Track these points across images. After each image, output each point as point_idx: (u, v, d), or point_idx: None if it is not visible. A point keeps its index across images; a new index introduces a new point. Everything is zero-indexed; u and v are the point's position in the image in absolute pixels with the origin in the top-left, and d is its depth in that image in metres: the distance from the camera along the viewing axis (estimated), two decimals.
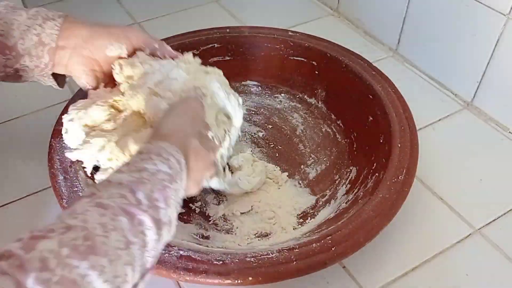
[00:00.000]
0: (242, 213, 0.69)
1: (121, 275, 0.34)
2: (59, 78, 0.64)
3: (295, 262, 0.55)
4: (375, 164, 0.69)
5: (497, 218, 0.69)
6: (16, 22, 0.58)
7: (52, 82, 0.64)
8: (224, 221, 0.68)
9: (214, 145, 0.58)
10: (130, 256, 0.35)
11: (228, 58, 0.87)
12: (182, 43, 0.85)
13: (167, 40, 0.86)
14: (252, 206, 0.70)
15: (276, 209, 0.69)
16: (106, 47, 0.62)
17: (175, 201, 0.44)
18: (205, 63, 0.86)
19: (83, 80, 0.63)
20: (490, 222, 0.69)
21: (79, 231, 0.33)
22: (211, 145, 0.57)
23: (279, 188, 0.72)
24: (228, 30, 0.88)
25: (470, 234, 0.67)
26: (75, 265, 0.31)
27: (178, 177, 0.45)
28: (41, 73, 0.61)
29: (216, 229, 0.67)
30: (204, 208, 0.69)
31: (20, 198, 0.71)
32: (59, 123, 0.70)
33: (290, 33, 0.84)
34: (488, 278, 0.62)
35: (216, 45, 0.86)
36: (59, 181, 0.63)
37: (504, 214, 0.70)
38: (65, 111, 0.71)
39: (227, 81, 0.69)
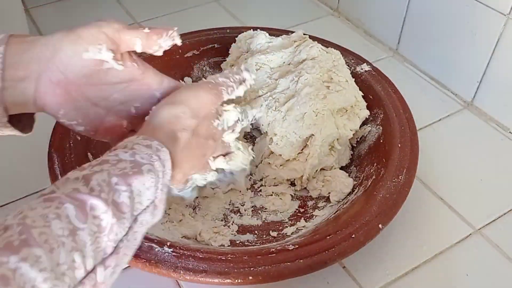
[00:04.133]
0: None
1: (66, 262, 0.33)
2: (23, 121, 0.50)
3: (295, 262, 0.55)
4: (375, 164, 0.69)
5: (497, 218, 0.69)
6: None
7: (11, 131, 0.48)
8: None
9: (215, 133, 0.55)
10: (77, 243, 0.35)
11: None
12: (182, 43, 0.85)
13: None
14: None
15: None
16: (80, 58, 0.47)
17: (152, 185, 0.41)
18: (205, 63, 0.88)
19: (62, 113, 0.49)
20: (490, 222, 0.69)
21: (15, 227, 0.33)
22: (211, 135, 0.54)
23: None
24: (228, 30, 0.88)
25: (470, 234, 0.67)
26: (4, 261, 0.31)
27: (149, 163, 0.42)
28: None
29: None
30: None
31: (20, 198, 0.71)
32: (59, 122, 0.69)
33: (289, 33, 0.84)
34: (488, 278, 0.62)
35: (216, 45, 0.86)
36: None
37: (504, 214, 0.70)
38: None
39: None
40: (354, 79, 0.76)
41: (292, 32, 0.81)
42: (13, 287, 0.30)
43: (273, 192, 0.72)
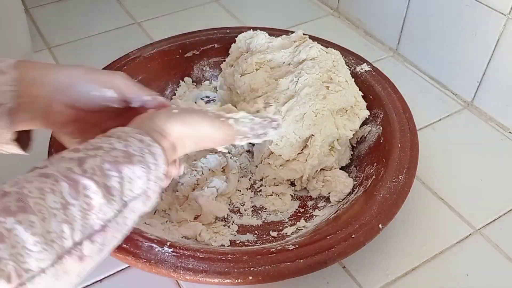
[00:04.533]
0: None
1: (56, 231, 0.36)
2: (21, 140, 0.53)
3: (295, 262, 0.55)
4: (375, 164, 0.69)
5: (497, 218, 0.69)
6: None
7: (14, 148, 0.53)
8: None
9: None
10: (68, 216, 0.38)
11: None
12: (182, 43, 0.86)
13: (167, 40, 0.86)
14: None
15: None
16: (92, 94, 0.52)
17: (143, 175, 0.44)
18: (205, 63, 0.88)
19: (67, 130, 0.53)
20: (490, 222, 0.69)
21: (13, 195, 0.36)
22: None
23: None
24: (228, 30, 0.88)
25: (470, 234, 0.67)
26: (1, 220, 0.34)
27: (140, 155, 0.44)
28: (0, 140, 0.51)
29: None
30: None
31: None
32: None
33: (289, 33, 0.84)
34: (488, 278, 0.62)
35: (216, 45, 0.86)
36: None
37: (504, 214, 0.70)
38: None
39: None
40: (354, 79, 0.76)
41: (292, 32, 0.81)
42: (6, 244, 0.34)
43: (273, 192, 0.72)
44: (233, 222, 0.68)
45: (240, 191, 0.72)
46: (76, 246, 0.38)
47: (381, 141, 0.71)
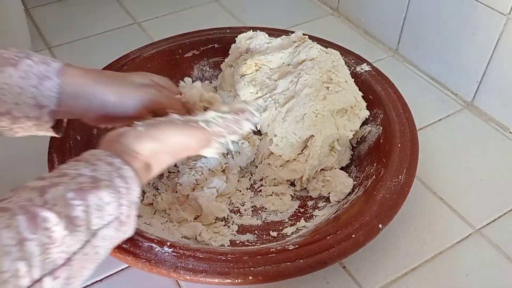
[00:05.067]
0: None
1: (10, 270, 0.35)
2: (57, 126, 0.59)
3: (295, 262, 0.55)
4: (375, 164, 0.69)
5: (497, 218, 0.69)
6: (7, 86, 0.51)
7: (51, 133, 0.59)
8: None
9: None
10: (25, 252, 0.36)
11: None
12: (182, 43, 0.86)
13: (167, 40, 0.86)
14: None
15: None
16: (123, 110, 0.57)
17: (112, 201, 0.42)
18: (205, 63, 0.88)
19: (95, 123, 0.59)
20: (490, 222, 0.69)
21: None
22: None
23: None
24: (228, 30, 0.88)
25: (470, 234, 0.67)
26: None
27: (108, 179, 0.43)
28: (39, 128, 0.56)
29: None
30: None
31: None
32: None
33: (289, 33, 0.84)
34: (488, 278, 0.62)
35: (216, 45, 0.86)
36: None
37: (504, 214, 0.70)
38: None
39: None
40: (354, 79, 0.76)
41: (292, 32, 0.81)
42: None
43: (273, 192, 0.72)
44: (233, 222, 0.68)
45: (240, 191, 0.72)
46: (35, 284, 0.36)
47: (381, 141, 0.71)
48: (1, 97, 0.51)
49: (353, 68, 0.80)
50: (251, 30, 0.82)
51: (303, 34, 0.80)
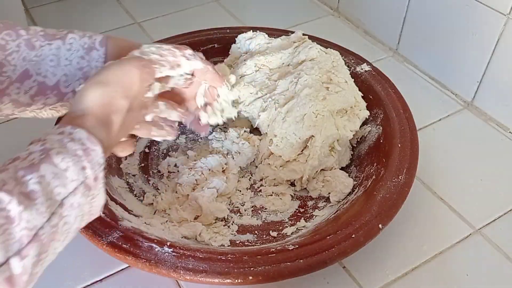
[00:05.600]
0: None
1: None
2: None
3: (295, 262, 0.55)
4: (375, 164, 0.69)
5: (497, 218, 0.69)
6: (55, 57, 0.52)
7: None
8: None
9: (147, 103, 0.54)
10: None
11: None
12: (182, 43, 0.85)
13: (167, 40, 0.86)
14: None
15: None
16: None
17: (70, 166, 0.40)
18: None
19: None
20: (490, 222, 0.69)
21: None
22: (144, 105, 0.53)
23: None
24: (228, 30, 0.88)
25: (470, 234, 0.67)
26: None
27: (59, 147, 0.41)
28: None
29: None
30: None
31: None
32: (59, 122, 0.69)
33: (289, 33, 0.84)
34: (488, 278, 0.62)
35: (216, 45, 0.86)
36: None
37: (504, 214, 0.70)
38: None
39: None
40: (354, 79, 0.76)
41: (292, 32, 0.81)
42: None
43: (273, 192, 0.72)
44: (233, 222, 0.68)
45: (240, 191, 0.72)
46: (0, 268, 0.34)
47: (381, 141, 0.71)
48: (50, 69, 0.52)
49: (353, 68, 0.80)
50: (251, 31, 0.82)
51: (303, 34, 0.80)
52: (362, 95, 0.76)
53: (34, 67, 0.52)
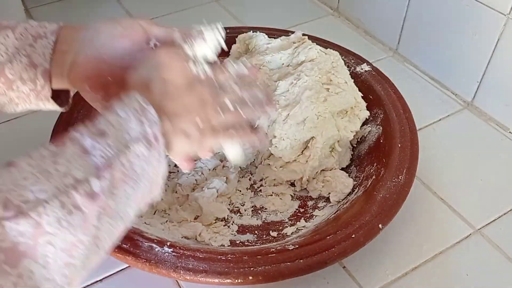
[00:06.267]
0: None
1: (50, 171, 0.36)
2: (61, 98, 0.57)
3: (295, 262, 0.55)
4: (375, 164, 0.69)
5: (497, 218, 0.69)
6: (2, 46, 0.52)
7: (53, 106, 0.56)
8: None
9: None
10: (60, 159, 0.38)
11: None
12: None
13: None
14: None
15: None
16: (115, 40, 0.52)
17: (130, 116, 0.42)
18: None
19: (88, 86, 0.54)
20: (490, 222, 0.69)
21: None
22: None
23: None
24: (228, 30, 0.88)
25: (470, 234, 0.67)
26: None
27: (121, 102, 0.43)
28: (38, 97, 0.55)
29: None
30: None
31: None
32: (59, 123, 0.70)
33: (289, 33, 0.84)
34: (488, 278, 0.62)
35: None
36: None
37: (504, 214, 0.70)
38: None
39: None
40: (354, 79, 0.76)
41: (292, 32, 0.81)
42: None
43: (273, 192, 0.72)
44: (233, 222, 0.68)
45: (240, 191, 0.72)
46: (79, 182, 0.36)
47: (381, 141, 0.71)
48: None
49: (353, 68, 0.80)
50: (251, 31, 0.82)
51: (303, 35, 0.80)
52: (362, 95, 0.76)
53: None
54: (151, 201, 0.46)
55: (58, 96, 0.56)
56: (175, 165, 0.74)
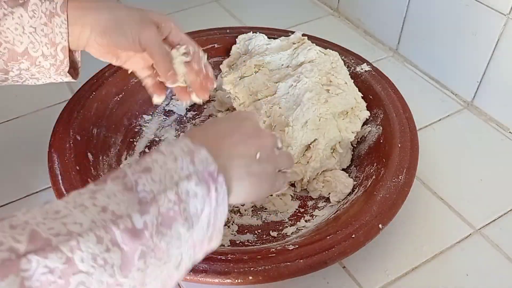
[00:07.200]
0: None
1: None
2: (72, 70, 0.62)
3: (295, 262, 0.55)
4: (375, 164, 0.69)
5: (497, 218, 0.69)
6: (19, 27, 0.55)
7: (68, 79, 0.61)
8: None
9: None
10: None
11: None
12: None
13: None
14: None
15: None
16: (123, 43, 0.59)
17: (183, 156, 0.39)
18: None
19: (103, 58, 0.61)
20: (490, 222, 0.69)
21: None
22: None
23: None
24: (228, 30, 0.88)
25: (470, 234, 0.67)
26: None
27: (170, 145, 0.40)
28: (57, 72, 0.59)
29: None
30: None
31: (20, 198, 0.70)
32: (59, 123, 0.70)
33: (289, 33, 0.84)
34: (488, 278, 0.62)
35: (216, 45, 0.86)
36: (59, 181, 0.63)
37: (504, 214, 0.70)
38: (65, 110, 0.71)
39: None
40: (354, 79, 0.76)
41: (292, 32, 0.81)
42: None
43: None
44: (233, 222, 0.68)
45: None
46: (120, 217, 0.33)
47: (381, 141, 0.71)
48: (16, 38, 0.55)
49: (353, 68, 0.80)
50: (251, 31, 0.82)
51: (303, 35, 0.80)
52: (362, 95, 0.76)
53: (1, 36, 0.55)
54: (211, 250, 0.42)
55: (71, 67, 0.61)
56: None
